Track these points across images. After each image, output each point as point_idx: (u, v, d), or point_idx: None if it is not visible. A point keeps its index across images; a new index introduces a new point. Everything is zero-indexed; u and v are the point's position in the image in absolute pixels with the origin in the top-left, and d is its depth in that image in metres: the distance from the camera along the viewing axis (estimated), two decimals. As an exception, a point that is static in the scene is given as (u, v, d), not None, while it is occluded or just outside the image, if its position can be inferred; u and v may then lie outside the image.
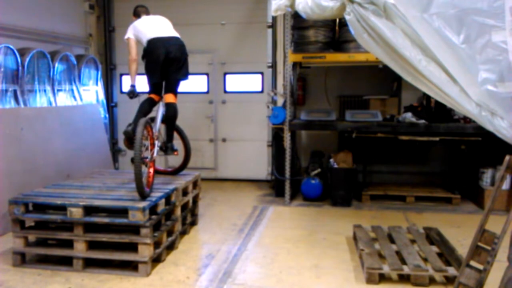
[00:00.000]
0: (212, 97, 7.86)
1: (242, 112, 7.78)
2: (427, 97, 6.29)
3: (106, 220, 3.94)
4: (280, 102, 6.88)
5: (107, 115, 7.71)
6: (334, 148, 7.08)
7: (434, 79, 3.04)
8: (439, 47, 2.97)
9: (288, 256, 4.40)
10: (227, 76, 7.80)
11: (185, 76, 4.84)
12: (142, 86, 4.93)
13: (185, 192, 4.92)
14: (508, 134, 2.84)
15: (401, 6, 3.05)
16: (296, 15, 5.96)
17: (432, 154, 6.99)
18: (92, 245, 4.04)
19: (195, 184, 5.25)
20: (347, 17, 3.40)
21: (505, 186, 5.72)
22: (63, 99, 6.62)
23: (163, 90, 4.90)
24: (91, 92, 7.36)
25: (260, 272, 4.03)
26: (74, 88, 6.88)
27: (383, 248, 4.21)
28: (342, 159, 6.39)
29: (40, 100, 6.11)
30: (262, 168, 7.76)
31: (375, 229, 4.73)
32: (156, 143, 4.63)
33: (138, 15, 5.02)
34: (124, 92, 8.09)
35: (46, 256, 4.19)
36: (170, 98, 4.84)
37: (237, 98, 7.80)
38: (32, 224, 4.26)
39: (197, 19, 7.54)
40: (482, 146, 5.96)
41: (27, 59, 5.76)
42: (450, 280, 3.72)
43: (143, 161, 4.17)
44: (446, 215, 5.82)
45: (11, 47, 5.52)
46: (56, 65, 6.40)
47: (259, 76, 7.67)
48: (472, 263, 3.03)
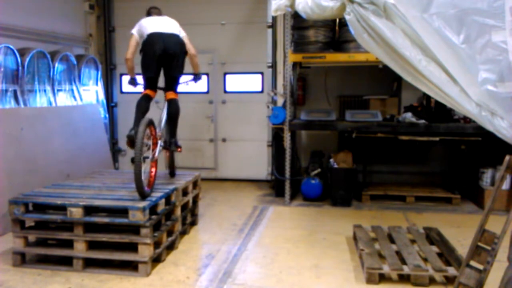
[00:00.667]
0: (212, 97, 7.86)
1: (242, 112, 7.78)
2: (427, 97, 6.29)
3: (106, 220, 3.94)
4: (280, 102, 6.88)
5: (107, 115, 7.71)
6: (334, 148, 7.08)
7: (434, 79, 3.04)
8: (439, 47, 2.97)
9: (288, 256, 4.40)
10: (227, 76, 7.80)
11: (179, 73, 4.83)
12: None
13: (185, 192, 4.92)
14: (508, 134, 2.84)
15: (401, 6, 3.05)
16: (296, 15, 5.96)
17: (432, 154, 6.98)
18: (92, 245, 4.04)
19: (195, 184, 5.26)
20: (347, 17, 3.40)
21: (505, 186, 5.72)
22: (63, 99, 6.62)
23: (164, 88, 4.91)
24: (91, 92, 7.36)
25: (260, 272, 4.03)
26: (74, 88, 6.88)
27: (383, 248, 4.21)
28: (342, 159, 6.39)
29: (40, 100, 6.11)
30: (262, 168, 7.76)
31: (375, 229, 4.73)
32: (159, 143, 4.63)
33: (149, 14, 5.04)
34: (124, 92, 8.15)
35: (46, 256, 4.19)
36: (171, 95, 4.88)
37: (237, 98, 7.80)
38: (32, 224, 4.26)
39: (197, 19, 7.54)
40: (482, 146, 5.96)
41: (27, 59, 5.76)
42: (450, 280, 3.72)
43: (144, 160, 4.16)
44: (446, 215, 5.82)
45: (11, 47, 5.52)
46: (56, 65, 6.40)
47: (259, 76, 7.68)
48: (472, 263, 3.03)
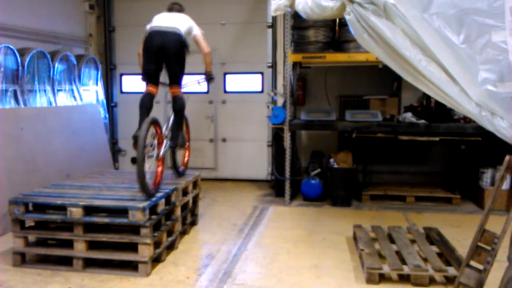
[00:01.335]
0: (212, 97, 7.86)
1: (242, 112, 7.78)
2: (427, 97, 6.29)
3: (106, 220, 3.94)
4: (280, 102, 6.88)
5: (107, 115, 7.71)
6: (334, 148, 7.08)
7: (434, 79, 3.04)
8: (439, 47, 2.97)
9: (288, 256, 4.40)
10: (227, 76, 7.80)
11: (179, 68, 4.77)
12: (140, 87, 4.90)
13: (185, 192, 4.92)
14: (508, 134, 2.84)
15: (401, 6, 3.05)
16: (296, 15, 5.96)
17: (432, 154, 6.98)
18: (92, 245, 4.04)
19: (195, 184, 5.26)
20: (347, 17, 3.40)
21: (505, 186, 5.72)
22: (63, 99, 6.61)
23: (168, 83, 4.87)
24: (91, 92, 7.36)
25: (260, 272, 4.03)
26: (74, 88, 6.87)
27: (383, 248, 4.21)
28: (342, 159, 6.39)
29: (40, 100, 6.11)
30: (262, 168, 7.76)
31: (375, 229, 4.73)
32: (164, 142, 4.63)
33: (169, 10, 5.02)
34: (124, 92, 8.15)
35: (46, 256, 4.19)
36: (174, 91, 4.84)
37: (237, 98, 7.80)
38: (32, 224, 4.26)
39: (197, 19, 7.40)
40: (482, 146, 5.96)
41: (27, 59, 5.76)
42: (450, 280, 3.72)
43: (147, 159, 4.15)
44: (446, 215, 5.82)
45: (11, 47, 5.52)
46: (56, 65, 6.40)
47: (259, 76, 7.67)
48: (472, 263, 3.03)
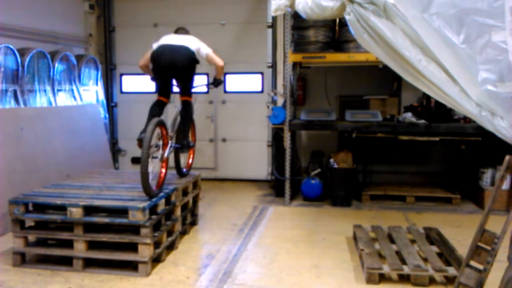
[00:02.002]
0: (212, 97, 7.86)
1: (242, 112, 7.78)
2: (427, 97, 6.29)
3: (106, 220, 3.94)
4: (280, 102, 6.88)
5: (107, 115, 7.71)
6: (334, 148, 7.08)
7: (434, 79, 3.04)
8: (439, 47, 2.97)
9: (288, 256, 4.40)
10: (227, 76, 7.79)
11: (189, 82, 4.93)
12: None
13: (185, 192, 4.92)
14: (508, 134, 2.84)
15: (401, 6, 3.05)
16: (296, 15, 5.96)
17: (432, 154, 6.98)
18: (92, 245, 4.04)
19: (195, 184, 5.26)
20: (347, 17, 3.40)
21: (505, 186, 5.72)
22: (63, 99, 6.61)
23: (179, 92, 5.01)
24: (91, 92, 7.36)
25: (260, 272, 4.03)
26: (74, 88, 6.87)
27: (383, 248, 4.21)
28: (342, 159, 6.39)
29: (40, 100, 6.11)
30: (262, 168, 7.76)
31: (375, 229, 4.73)
32: (170, 143, 4.66)
33: (174, 32, 5.10)
34: (124, 92, 8.15)
35: (46, 256, 4.18)
36: (184, 98, 4.96)
37: (237, 98, 7.80)
38: (32, 224, 4.26)
39: (197, 19, 7.54)
40: (482, 146, 5.96)
41: (27, 59, 5.76)
42: (450, 280, 3.72)
43: (150, 160, 4.17)
44: (446, 215, 5.82)
45: (11, 47, 5.52)
46: (56, 65, 6.40)
47: (259, 76, 7.68)
48: (472, 263, 3.03)
